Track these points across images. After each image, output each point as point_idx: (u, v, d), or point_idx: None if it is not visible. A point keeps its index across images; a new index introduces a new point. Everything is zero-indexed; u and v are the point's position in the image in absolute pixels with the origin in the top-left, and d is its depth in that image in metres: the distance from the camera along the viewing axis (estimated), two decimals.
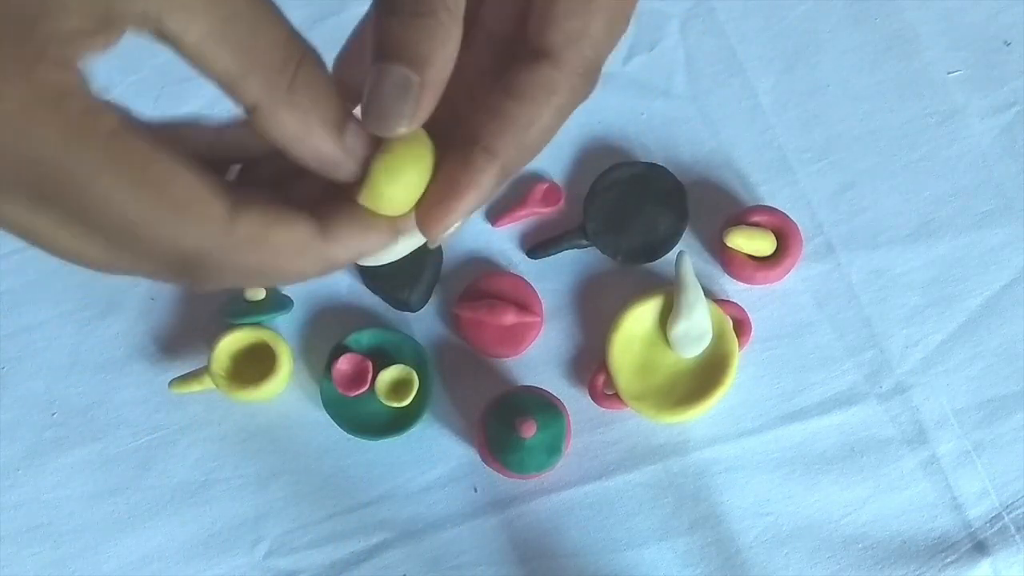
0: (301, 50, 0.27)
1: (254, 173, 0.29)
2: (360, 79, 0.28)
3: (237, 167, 0.30)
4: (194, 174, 0.25)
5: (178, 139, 0.27)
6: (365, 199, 0.28)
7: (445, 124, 0.29)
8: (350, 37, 0.31)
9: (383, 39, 0.27)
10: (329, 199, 0.28)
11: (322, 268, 0.28)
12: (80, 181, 0.24)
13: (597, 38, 0.29)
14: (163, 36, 0.25)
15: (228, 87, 0.26)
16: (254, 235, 0.26)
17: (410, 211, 0.29)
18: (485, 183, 0.28)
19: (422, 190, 0.28)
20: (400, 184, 0.28)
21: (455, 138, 0.29)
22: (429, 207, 0.28)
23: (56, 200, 0.24)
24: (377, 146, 0.28)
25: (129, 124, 0.24)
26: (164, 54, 0.26)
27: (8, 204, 0.25)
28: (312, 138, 0.27)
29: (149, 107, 0.51)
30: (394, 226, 0.29)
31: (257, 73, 0.26)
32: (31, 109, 0.23)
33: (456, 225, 0.29)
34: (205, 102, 0.59)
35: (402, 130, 0.27)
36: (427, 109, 0.27)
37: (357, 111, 0.28)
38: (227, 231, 0.26)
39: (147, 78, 0.61)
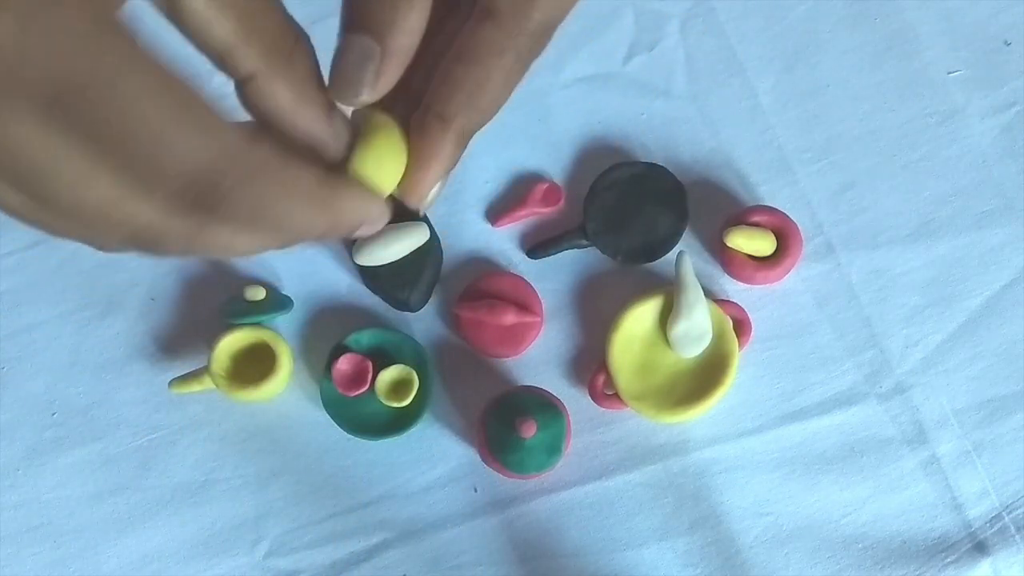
0: (296, 30, 0.28)
1: None
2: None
3: None
4: (211, 100, 0.24)
5: None
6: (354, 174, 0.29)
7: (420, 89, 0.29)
8: None
9: (349, 9, 0.28)
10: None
11: (327, 221, 0.27)
12: (106, 79, 0.22)
13: (546, 1, 0.28)
14: (167, 2, 0.25)
15: (228, 54, 0.26)
16: (270, 162, 0.25)
17: (392, 191, 0.30)
18: (444, 151, 0.29)
19: (397, 177, 0.29)
20: (380, 169, 0.29)
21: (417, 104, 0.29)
22: (403, 180, 0.30)
23: (74, 105, 0.22)
24: (355, 134, 0.29)
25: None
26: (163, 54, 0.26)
27: (18, 117, 0.22)
28: (304, 113, 0.27)
29: None
30: (385, 203, 0.30)
31: (259, 41, 0.26)
32: (62, 4, 0.22)
33: (434, 191, 0.30)
34: None
35: (364, 98, 0.28)
36: (390, 78, 0.28)
37: None
38: (246, 151, 0.25)
39: None
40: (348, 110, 0.30)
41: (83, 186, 0.24)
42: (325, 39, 0.35)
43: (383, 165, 0.29)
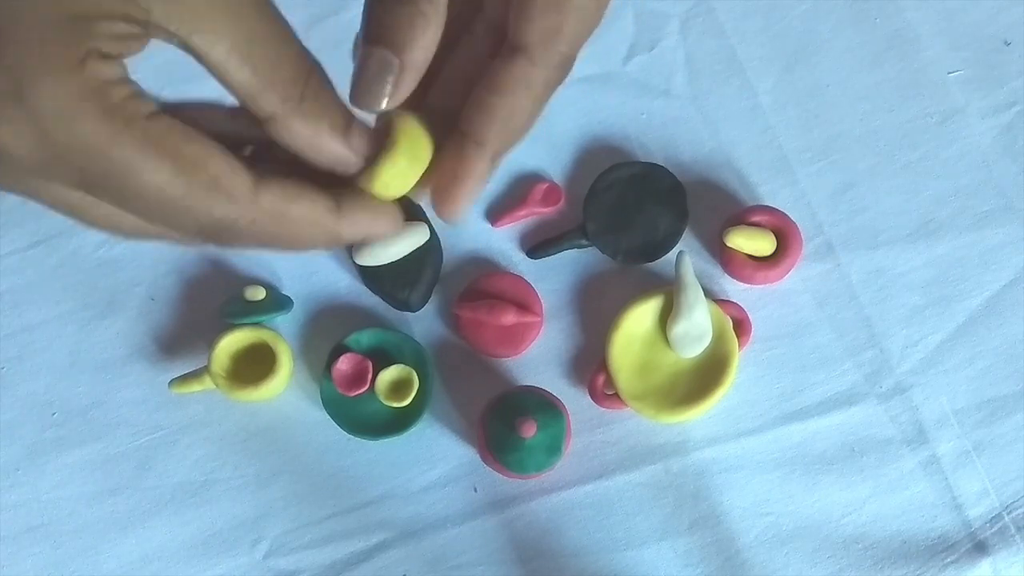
0: (309, 65, 0.30)
1: (266, 154, 0.31)
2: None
3: (250, 148, 0.32)
4: (221, 153, 0.28)
5: (198, 120, 0.29)
6: (364, 182, 0.31)
7: (451, 110, 0.32)
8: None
9: (369, 24, 0.30)
10: (340, 181, 0.31)
11: (330, 242, 0.31)
12: (123, 166, 0.26)
13: (571, 34, 0.31)
14: (188, 50, 0.28)
15: (246, 100, 0.29)
16: (275, 208, 0.29)
17: (404, 195, 0.32)
18: (479, 171, 0.32)
19: (416, 176, 0.32)
20: (396, 171, 0.31)
21: (454, 127, 0.32)
22: (439, 198, 0.32)
23: (99, 183, 0.27)
24: (378, 143, 0.31)
25: (162, 108, 0.27)
26: (162, 55, 0.27)
27: (53, 186, 0.28)
28: (322, 142, 0.30)
29: None
30: (397, 214, 0.32)
31: (274, 88, 0.29)
32: (80, 100, 0.25)
33: (466, 208, 0.32)
34: None
35: (382, 107, 0.30)
36: (406, 89, 0.30)
37: None
38: (252, 204, 0.28)
39: (145, 79, 0.61)
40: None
41: (115, 222, 0.29)
42: (326, 39, 0.35)
43: (401, 167, 0.31)
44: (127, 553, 0.55)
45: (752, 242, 0.55)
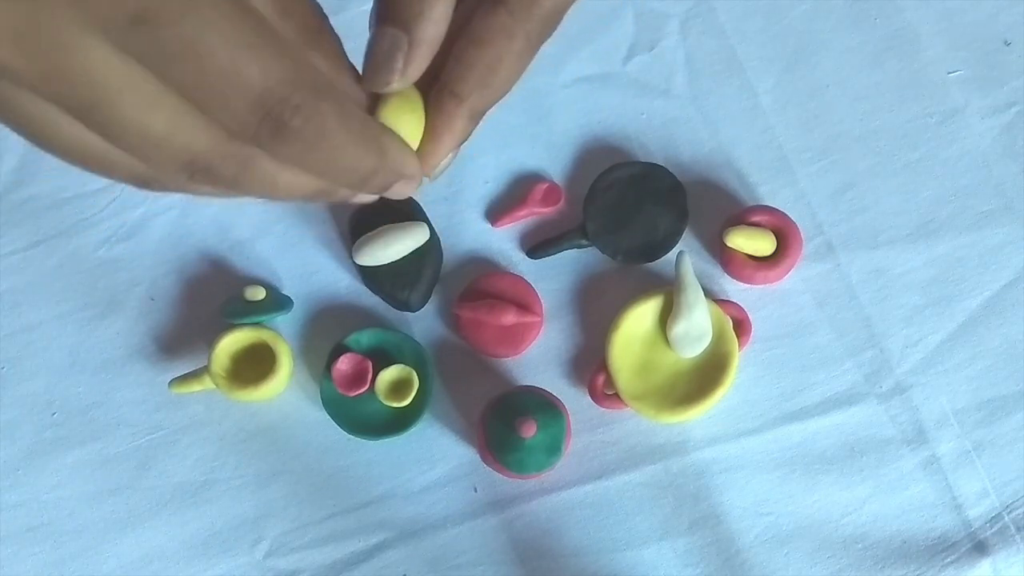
0: (322, 11, 0.29)
1: None
2: None
3: None
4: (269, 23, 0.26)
5: None
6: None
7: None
8: None
9: (379, 3, 0.29)
10: None
11: (374, 160, 0.29)
12: (182, 4, 0.23)
13: None
14: None
15: None
16: (332, 86, 0.27)
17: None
18: (457, 126, 0.31)
19: (418, 135, 0.31)
20: (402, 127, 0.30)
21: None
22: (418, 152, 0.31)
23: (150, 30, 0.23)
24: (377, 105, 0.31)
25: None
26: None
27: (93, 44, 0.23)
28: (339, 80, 0.29)
29: None
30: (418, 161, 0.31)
31: (292, 18, 0.28)
32: None
33: (444, 163, 0.32)
34: None
35: (394, 85, 0.30)
36: (418, 66, 0.30)
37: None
38: (313, 72, 0.26)
39: None
40: None
41: (149, 111, 0.25)
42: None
43: (404, 124, 0.30)
44: (127, 553, 0.56)
45: (752, 242, 0.55)
